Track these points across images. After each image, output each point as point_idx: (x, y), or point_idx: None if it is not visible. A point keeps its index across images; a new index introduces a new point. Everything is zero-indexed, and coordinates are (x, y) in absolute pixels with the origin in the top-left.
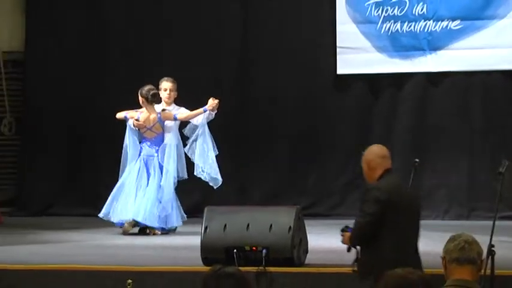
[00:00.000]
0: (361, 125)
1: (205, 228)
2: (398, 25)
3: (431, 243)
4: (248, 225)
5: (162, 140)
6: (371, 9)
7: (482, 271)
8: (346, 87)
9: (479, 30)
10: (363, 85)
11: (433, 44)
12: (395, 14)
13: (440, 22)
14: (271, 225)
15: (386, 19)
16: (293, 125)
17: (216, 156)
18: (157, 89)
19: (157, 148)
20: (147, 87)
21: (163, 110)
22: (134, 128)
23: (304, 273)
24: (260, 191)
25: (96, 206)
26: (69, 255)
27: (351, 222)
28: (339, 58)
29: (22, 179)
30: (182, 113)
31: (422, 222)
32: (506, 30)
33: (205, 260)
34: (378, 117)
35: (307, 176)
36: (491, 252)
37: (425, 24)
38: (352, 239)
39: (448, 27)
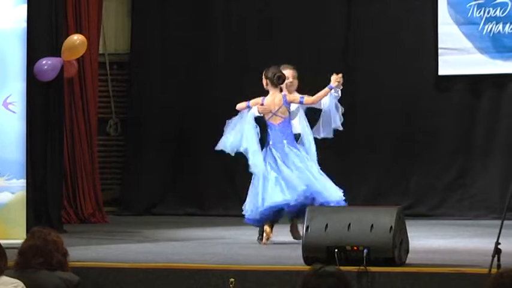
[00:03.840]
0: (462, 126)
1: (307, 227)
2: (500, 26)
3: None
4: (349, 225)
5: (289, 127)
6: (473, 11)
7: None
8: (447, 88)
9: None
10: (465, 86)
11: None
12: (497, 15)
13: None
14: (372, 225)
15: (488, 20)
16: (394, 125)
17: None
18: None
19: (284, 135)
20: (272, 69)
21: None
22: (259, 114)
23: (405, 273)
24: (362, 191)
25: (199, 206)
26: (171, 254)
27: (452, 223)
28: (441, 59)
29: (127, 179)
30: (309, 96)
31: None
32: None
33: (307, 259)
34: (479, 118)
35: (409, 176)
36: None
37: None
38: None
39: None
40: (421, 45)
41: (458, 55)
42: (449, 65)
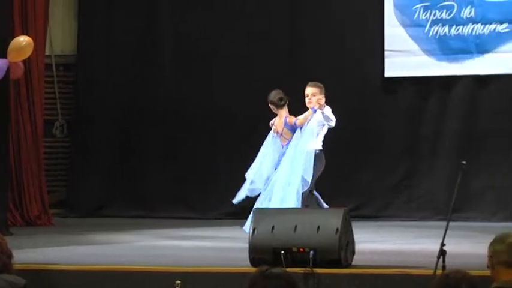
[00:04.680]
0: (409, 128)
1: (254, 229)
2: (447, 28)
3: (479, 245)
4: (296, 226)
5: None
6: (419, 13)
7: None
8: (393, 90)
9: None
10: (411, 88)
11: (481, 47)
12: (444, 17)
13: (488, 25)
14: (318, 227)
15: (435, 22)
16: (341, 127)
17: None
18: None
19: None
20: (273, 93)
21: None
22: (274, 134)
23: (351, 274)
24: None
25: (146, 208)
26: (118, 256)
27: (398, 224)
28: (387, 61)
29: (73, 181)
30: (301, 117)
31: (470, 224)
32: None
33: (253, 261)
34: (425, 119)
35: (355, 177)
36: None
37: (473, 27)
38: None
39: (496, 31)
40: (367, 47)
41: (405, 57)
42: (395, 67)
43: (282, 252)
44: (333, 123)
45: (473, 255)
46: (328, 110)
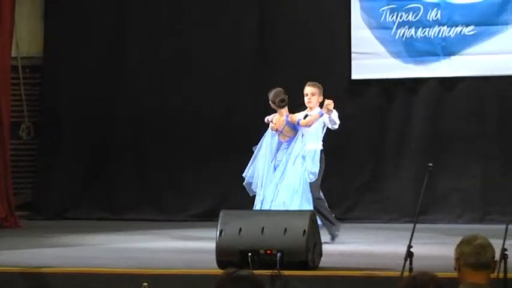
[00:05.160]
0: (375, 130)
1: (221, 231)
2: (413, 31)
3: (445, 246)
4: (263, 228)
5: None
6: (385, 15)
7: (496, 274)
8: (360, 92)
9: (494, 35)
10: (378, 90)
11: (447, 49)
12: (410, 19)
13: (454, 28)
14: (285, 229)
15: (401, 25)
16: None
17: None
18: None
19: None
20: (273, 92)
21: (306, 115)
22: (273, 132)
23: (318, 276)
24: None
25: (112, 210)
26: (85, 259)
27: (365, 226)
28: (354, 63)
29: (39, 183)
30: (305, 119)
31: (436, 226)
32: None
33: (220, 263)
34: (392, 121)
35: (322, 179)
36: (504, 256)
37: (440, 29)
38: None
39: (462, 33)
40: (334, 49)
41: (371, 59)
42: (362, 69)
43: (249, 254)
44: (336, 126)
45: (440, 257)
46: (335, 114)
